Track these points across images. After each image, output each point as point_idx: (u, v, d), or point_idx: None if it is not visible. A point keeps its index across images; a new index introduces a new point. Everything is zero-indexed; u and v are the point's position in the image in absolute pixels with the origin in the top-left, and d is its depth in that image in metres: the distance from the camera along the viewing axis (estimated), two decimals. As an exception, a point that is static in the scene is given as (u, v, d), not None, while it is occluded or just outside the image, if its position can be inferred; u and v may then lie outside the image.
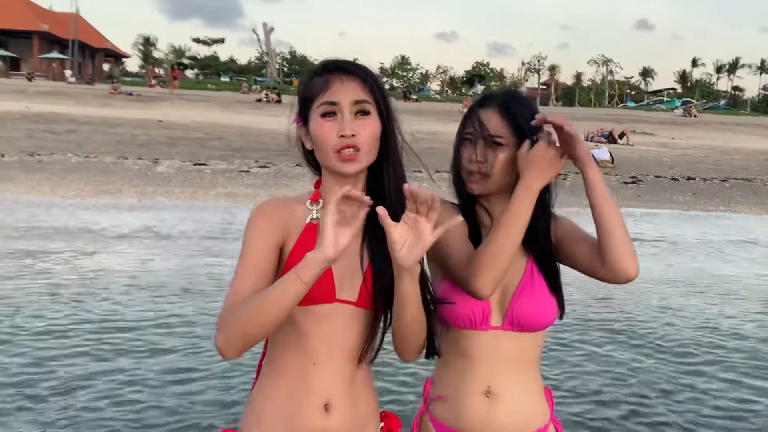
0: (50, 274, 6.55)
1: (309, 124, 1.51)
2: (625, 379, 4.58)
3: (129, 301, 5.84)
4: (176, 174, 13.38)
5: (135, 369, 4.41)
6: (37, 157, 14.15)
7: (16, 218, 9.11)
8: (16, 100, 25.77)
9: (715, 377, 4.69)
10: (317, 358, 1.49)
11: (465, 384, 1.68)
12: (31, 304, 5.58)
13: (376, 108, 1.50)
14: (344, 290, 1.50)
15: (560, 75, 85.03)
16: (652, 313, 6.20)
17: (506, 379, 1.67)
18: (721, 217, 12.31)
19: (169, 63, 76.48)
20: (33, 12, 57.54)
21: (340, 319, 1.50)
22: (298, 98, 1.57)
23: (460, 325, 1.65)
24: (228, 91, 48.22)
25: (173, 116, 24.42)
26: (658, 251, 9.02)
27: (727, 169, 19.07)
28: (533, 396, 1.73)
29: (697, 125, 36.73)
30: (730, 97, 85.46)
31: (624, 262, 1.56)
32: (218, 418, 3.77)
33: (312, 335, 1.49)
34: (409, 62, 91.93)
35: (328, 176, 1.54)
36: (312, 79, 1.52)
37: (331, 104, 1.47)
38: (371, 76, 1.52)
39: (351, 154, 1.46)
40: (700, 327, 5.83)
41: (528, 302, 1.66)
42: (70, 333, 4.97)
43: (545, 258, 1.72)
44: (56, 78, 48.61)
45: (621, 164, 18.21)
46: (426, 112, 31.58)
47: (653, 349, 5.20)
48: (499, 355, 1.67)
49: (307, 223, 1.52)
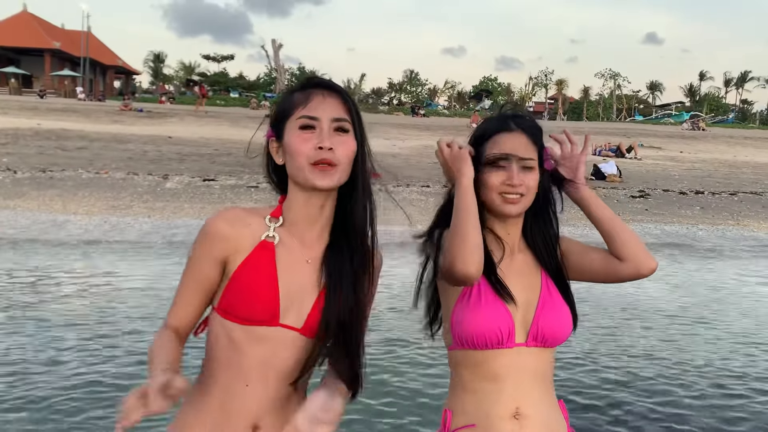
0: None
1: (284, 137, 1.50)
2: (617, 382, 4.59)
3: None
4: (185, 189, 13.48)
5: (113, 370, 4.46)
6: (49, 174, 14.30)
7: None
8: (28, 117, 26.07)
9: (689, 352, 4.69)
10: (250, 380, 1.46)
11: (494, 409, 1.65)
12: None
13: (353, 128, 1.50)
14: (289, 316, 1.47)
15: (568, 89, 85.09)
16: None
17: (532, 398, 1.67)
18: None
19: (179, 79, 77.12)
20: (45, 30, 58.26)
21: (280, 343, 1.46)
22: (272, 113, 1.56)
23: (486, 345, 1.64)
24: (237, 106, 48.56)
25: (183, 132, 24.61)
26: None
27: (736, 182, 18.99)
28: (554, 411, 1.74)
29: (705, 139, 36.62)
30: (738, 111, 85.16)
31: (642, 254, 1.67)
32: None
33: (248, 355, 1.46)
34: (418, 77, 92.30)
35: (297, 192, 1.51)
36: (291, 94, 1.53)
37: (310, 118, 1.47)
38: (350, 96, 1.54)
39: (327, 167, 1.45)
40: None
41: (550, 317, 1.69)
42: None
43: (558, 270, 1.76)
44: (68, 95, 49.13)
45: (629, 178, 18.19)
46: (434, 127, 31.68)
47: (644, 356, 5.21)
48: (523, 374, 1.67)
49: (261, 240, 1.49)
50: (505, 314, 1.66)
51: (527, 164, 1.70)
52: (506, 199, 1.68)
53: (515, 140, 1.71)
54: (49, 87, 52.02)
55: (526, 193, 1.69)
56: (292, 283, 1.43)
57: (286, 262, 1.47)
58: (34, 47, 55.76)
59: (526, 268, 1.76)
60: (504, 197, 1.68)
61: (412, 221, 5.62)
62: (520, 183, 1.67)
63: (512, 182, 1.66)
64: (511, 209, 1.69)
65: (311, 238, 1.52)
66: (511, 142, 1.70)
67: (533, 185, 1.70)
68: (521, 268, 1.75)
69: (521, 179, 1.67)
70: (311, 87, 1.51)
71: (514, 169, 1.67)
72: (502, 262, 1.72)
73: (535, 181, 1.71)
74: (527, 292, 1.71)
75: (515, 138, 1.71)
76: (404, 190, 14.35)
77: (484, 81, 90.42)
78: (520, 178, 1.67)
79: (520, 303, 1.68)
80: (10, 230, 9.50)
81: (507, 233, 1.75)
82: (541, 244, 1.77)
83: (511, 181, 1.67)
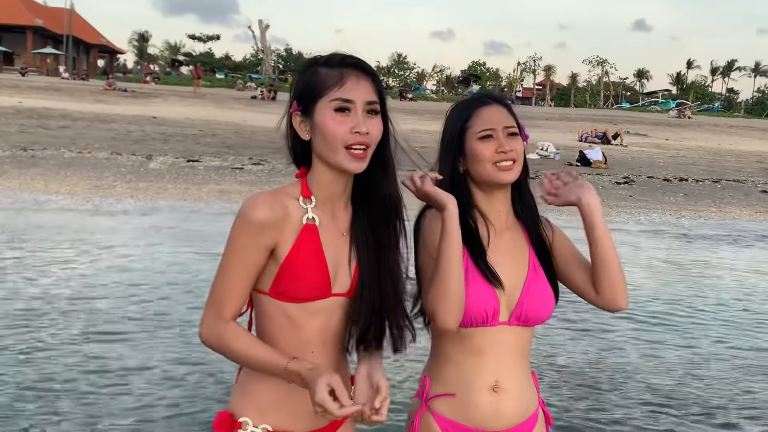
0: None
1: (314, 115, 1.49)
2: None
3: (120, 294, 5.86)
4: (169, 170, 13.36)
5: (132, 360, 4.47)
6: (30, 152, 14.11)
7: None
8: (9, 95, 25.66)
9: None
10: (314, 347, 1.56)
11: (475, 381, 1.73)
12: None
13: (381, 110, 1.54)
14: (337, 285, 1.55)
15: (556, 75, 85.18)
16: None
17: (511, 372, 1.74)
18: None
19: (165, 59, 76.21)
20: (27, 7, 57.19)
21: (333, 311, 1.56)
22: (297, 85, 1.54)
23: (471, 324, 1.69)
24: (223, 87, 48.11)
25: (167, 113, 24.36)
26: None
27: (719, 170, 19.15)
28: (529, 384, 1.81)
29: (691, 127, 36.86)
30: (724, 99, 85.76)
31: (617, 294, 1.73)
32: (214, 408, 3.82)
33: (307, 328, 1.54)
34: (406, 61, 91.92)
35: (324, 170, 1.54)
36: (321, 70, 1.51)
37: (346, 101, 1.47)
38: (379, 78, 1.56)
39: (362, 153, 1.48)
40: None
41: (535, 298, 1.74)
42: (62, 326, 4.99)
43: (544, 250, 1.81)
44: (50, 73, 48.43)
45: (614, 165, 18.27)
46: (422, 112, 31.60)
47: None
48: (504, 349, 1.73)
49: (304, 224, 1.52)
50: (492, 295, 1.70)
51: (512, 131, 1.76)
52: (500, 167, 1.72)
53: (497, 111, 1.78)
54: (31, 65, 51.21)
55: (517, 159, 1.74)
56: (335, 256, 1.52)
57: (328, 239, 1.54)
58: (16, 24, 54.76)
59: (515, 245, 1.80)
60: (498, 166, 1.72)
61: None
62: (511, 149, 1.72)
63: (503, 149, 1.71)
64: (506, 176, 1.73)
65: (339, 211, 1.59)
66: (494, 113, 1.77)
67: (521, 151, 1.76)
68: (510, 246, 1.78)
69: (511, 145, 1.73)
70: (344, 66, 1.50)
71: (502, 137, 1.73)
72: (493, 240, 1.76)
73: (521, 146, 1.76)
74: (514, 271, 1.75)
75: (496, 109, 1.78)
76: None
77: (473, 66, 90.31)
78: (510, 145, 1.73)
79: (507, 283, 1.72)
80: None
81: (497, 210, 1.79)
82: (528, 215, 1.83)
83: (503, 148, 1.72)
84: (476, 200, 1.79)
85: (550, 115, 37.63)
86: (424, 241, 1.73)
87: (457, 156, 1.77)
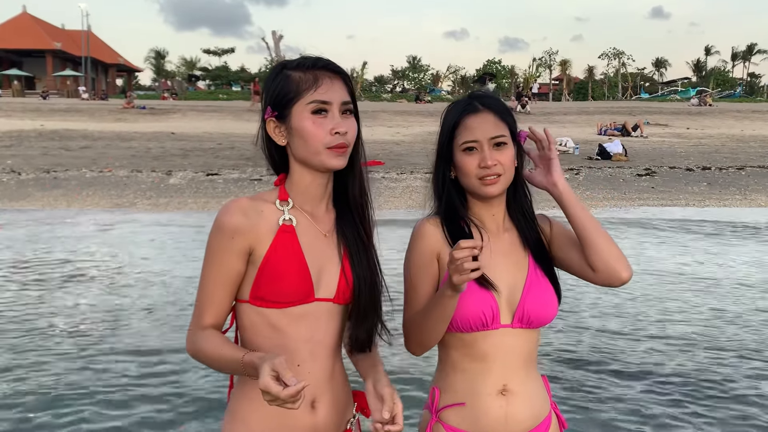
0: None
1: (291, 119, 1.49)
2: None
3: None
4: (189, 185, 13.49)
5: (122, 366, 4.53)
6: (53, 174, 14.34)
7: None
8: (31, 119, 26.14)
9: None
10: (301, 359, 1.52)
11: (482, 387, 1.70)
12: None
13: (353, 110, 1.54)
14: (321, 289, 1.52)
15: (572, 69, 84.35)
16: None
17: (519, 375, 1.71)
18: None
19: (182, 75, 77.01)
20: (46, 31, 58.31)
21: (320, 317, 1.53)
22: (269, 91, 1.54)
23: (471, 328, 1.67)
24: (239, 100, 48.49)
25: (186, 128, 24.62)
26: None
27: (743, 157, 18.82)
28: (539, 387, 1.78)
29: (712, 114, 36.28)
30: (746, 85, 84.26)
31: (613, 267, 1.64)
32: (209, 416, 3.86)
33: (293, 335, 1.51)
34: (420, 63, 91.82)
35: (302, 172, 1.54)
36: (293, 74, 1.51)
37: (324, 102, 1.48)
38: (350, 78, 1.57)
39: (342, 150, 1.50)
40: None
41: (536, 299, 1.70)
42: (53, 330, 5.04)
43: (540, 244, 1.78)
44: (70, 95, 49.19)
45: (635, 157, 18.06)
46: (437, 113, 31.41)
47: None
48: (510, 353, 1.70)
49: (281, 225, 1.51)
50: (488, 299, 1.67)
51: (499, 140, 1.69)
52: (485, 181, 1.68)
53: (483, 120, 1.70)
54: (52, 87, 52.11)
55: (503, 172, 1.68)
56: (317, 258, 1.48)
57: (307, 240, 1.52)
58: (36, 48, 55.88)
59: (513, 247, 1.76)
60: (482, 180, 1.68)
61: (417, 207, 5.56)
62: (494, 163, 1.67)
63: (486, 163, 1.66)
64: (491, 190, 1.69)
65: (321, 212, 1.58)
66: (479, 123, 1.70)
67: (508, 162, 1.69)
68: (508, 248, 1.75)
69: (495, 158, 1.67)
70: (316, 69, 1.50)
71: (486, 151, 1.67)
72: (488, 244, 1.72)
73: (509, 157, 1.70)
74: (514, 272, 1.72)
75: (482, 118, 1.71)
76: (408, 177, 14.31)
77: (488, 64, 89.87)
78: (494, 158, 1.67)
79: (506, 285, 1.70)
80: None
81: (492, 214, 1.76)
82: (521, 219, 1.79)
83: (485, 162, 1.66)
84: (470, 205, 1.77)
85: (567, 110, 37.30)
86: (409, 254, 1.73)
87: (447, 164, 1.75)
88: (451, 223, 1.72)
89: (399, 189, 12.95)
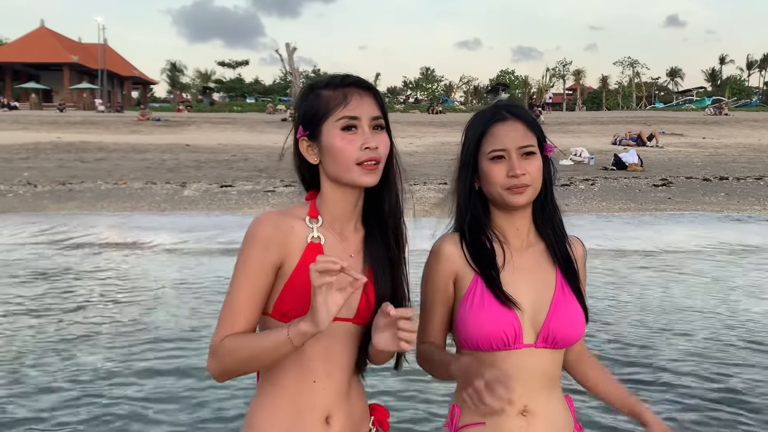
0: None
1: (321, 137, 1.50)
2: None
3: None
4: (203, 197, 13.53)
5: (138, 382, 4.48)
6: (68, 186, 14.45)
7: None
8: (48, 131, 26.46)
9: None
10: (317, 376, 1.53)
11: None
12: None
13: (385, 125, 1.54)
14: (342, 309, 1.47)
15: (586, 79, 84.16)
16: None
17: (541, 396, 1.66)
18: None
19: (196, 87, 77.71)
20: (63, 45, 59.15)
21: (337, 336, 1.52)
22: (300, 111, 1.55)
23: (491, 348, 1.62)
24: (254, 112, 48.80)
25: (200, 140, 24.79)
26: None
27: (761, 167, 18.60)
28: (562, 409, 1.72)
29: (728, 123, 35.97)
30: (762, 94, 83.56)
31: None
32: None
33: (310, 353, 1.51)
34: (434, 74, 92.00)
35: (333, 190, 1.54)
36: (322, 92, 1.52)
37: (352, 119, 1.48)
38: (380, 94, 1.57)
39: (374, 166, 1.48)
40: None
41: (563, 318, 1.64)
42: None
43: (571, 266, 1.71)
44: (87, 107, 49.77)
45: (651, 167, 17.91)
46: (451, 124, 31.54)
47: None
48: (532, 373, 1.64)
49: (309, 243, 1.50)
50: (510, 318, 1.61)
51: (528, 150, 1.64)
52: (512, 190, 1.63)
53: (512, 128, 1.65)
54: (69, 100, 52.74)
55: (531, 183, 1.63)
56: (341, 278, 1.43)
57: None
58: (53, 62, 56.69)
59: (539, 263, 1.70)
60: (510, 189, 1.63)
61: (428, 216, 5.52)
62: (523, 172, 1.62)
63: (515, 173, 1.61)
64: (519, 199, 1.63)
65: (349, 232, 1.57)
66: (507, 132, 1.65)
67: (536, 172, 1.64)
68: (533, 264, 1.69)
69: (524, 168, 1.62)
70: (345, 86, 1.51)
71: (515, 160, 1.62)
72: (511, 260, 1.67)
73: (537, 167, 1.64)
74: (539, 290, 1.65)
75: (511, 126, 1.66)
76: (421, 188, 14.26)
77: (502, 74, 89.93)
78: (522, 167, 1.62)
79: (531, 303, 1.63)
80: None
81: (516, 228, 1.70)
82: (551, 233, 1.72)
83: (514, 172, 1.61)
84: (493, 218, 1.71)
85: (582, 120, 37.15)
86: (426, 276, 1.71)
87: (473, 174, 1.69)
88: (474, 238, 1.67)
89: (412, 200, 12.89)
